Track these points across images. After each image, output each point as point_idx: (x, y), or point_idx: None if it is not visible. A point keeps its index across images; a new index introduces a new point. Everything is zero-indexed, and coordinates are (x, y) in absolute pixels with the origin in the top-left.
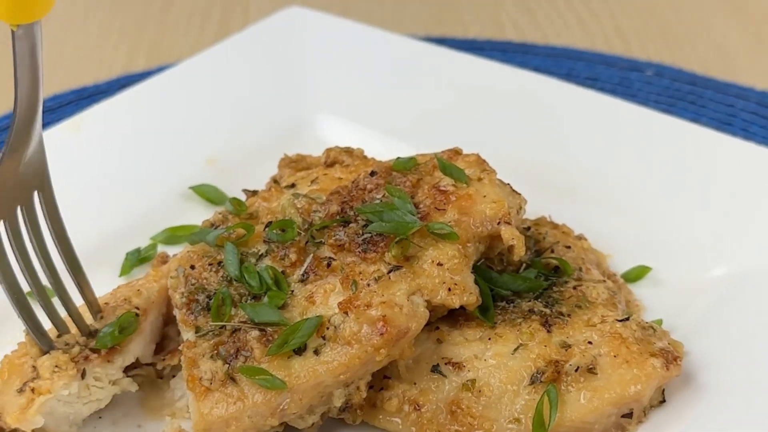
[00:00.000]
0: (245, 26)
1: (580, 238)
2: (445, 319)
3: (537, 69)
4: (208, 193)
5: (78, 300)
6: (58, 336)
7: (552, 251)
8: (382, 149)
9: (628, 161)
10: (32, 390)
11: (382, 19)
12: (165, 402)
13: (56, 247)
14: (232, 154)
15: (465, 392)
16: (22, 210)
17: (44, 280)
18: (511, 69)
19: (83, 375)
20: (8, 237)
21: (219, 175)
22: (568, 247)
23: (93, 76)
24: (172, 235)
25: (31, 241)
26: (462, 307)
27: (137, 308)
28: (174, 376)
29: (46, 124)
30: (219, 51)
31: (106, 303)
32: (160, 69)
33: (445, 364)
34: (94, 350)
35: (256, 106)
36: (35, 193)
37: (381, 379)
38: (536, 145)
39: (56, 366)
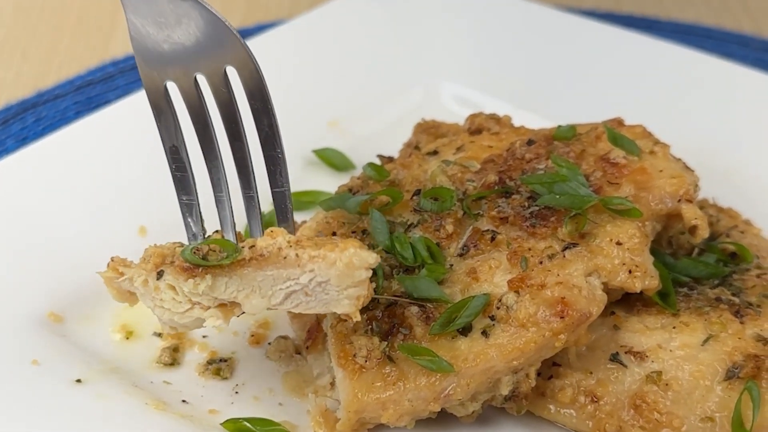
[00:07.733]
0: None
1: (747, 223)
2: (620, 303)
3: None
4: (332, 158)
5: None
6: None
7: (728, 236)
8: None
9: None
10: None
11: None
12: (304, 379)
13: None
14: (355, 118)
15: (650, 385)
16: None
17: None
18: (663, 43)
19: (159, 275)
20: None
21: (341, 138)
22: (742, 233)
23: None
24: (296, 201)
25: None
26: (639, 292)
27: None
28: (307, 348)
29: None
30: (339, 6)
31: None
32: (258, 28)
33: (625, 353)
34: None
35: (378, 69)
36: (225, 67)
37: (550, 367)
38: (681, 122)
39: (145, 257)
